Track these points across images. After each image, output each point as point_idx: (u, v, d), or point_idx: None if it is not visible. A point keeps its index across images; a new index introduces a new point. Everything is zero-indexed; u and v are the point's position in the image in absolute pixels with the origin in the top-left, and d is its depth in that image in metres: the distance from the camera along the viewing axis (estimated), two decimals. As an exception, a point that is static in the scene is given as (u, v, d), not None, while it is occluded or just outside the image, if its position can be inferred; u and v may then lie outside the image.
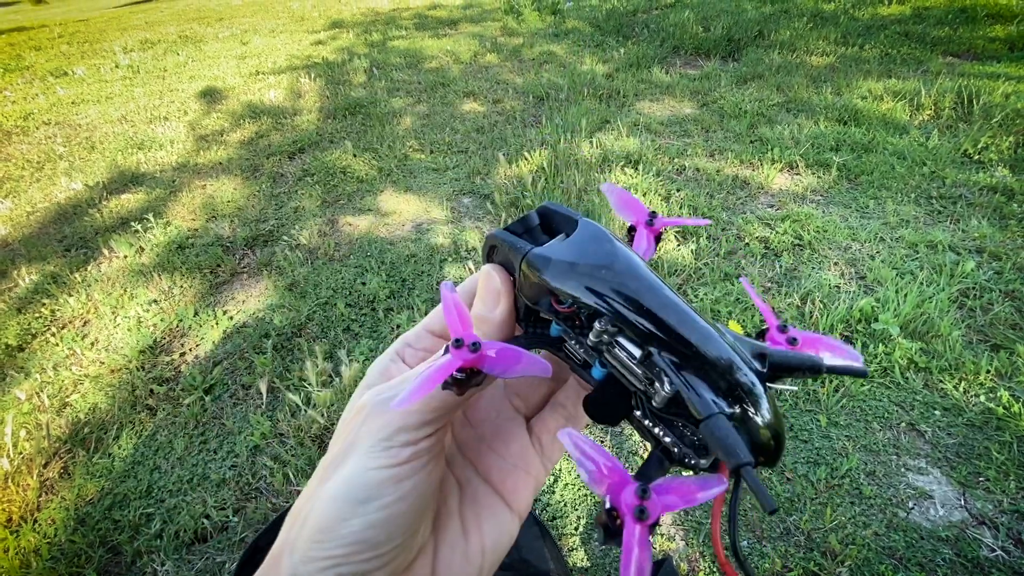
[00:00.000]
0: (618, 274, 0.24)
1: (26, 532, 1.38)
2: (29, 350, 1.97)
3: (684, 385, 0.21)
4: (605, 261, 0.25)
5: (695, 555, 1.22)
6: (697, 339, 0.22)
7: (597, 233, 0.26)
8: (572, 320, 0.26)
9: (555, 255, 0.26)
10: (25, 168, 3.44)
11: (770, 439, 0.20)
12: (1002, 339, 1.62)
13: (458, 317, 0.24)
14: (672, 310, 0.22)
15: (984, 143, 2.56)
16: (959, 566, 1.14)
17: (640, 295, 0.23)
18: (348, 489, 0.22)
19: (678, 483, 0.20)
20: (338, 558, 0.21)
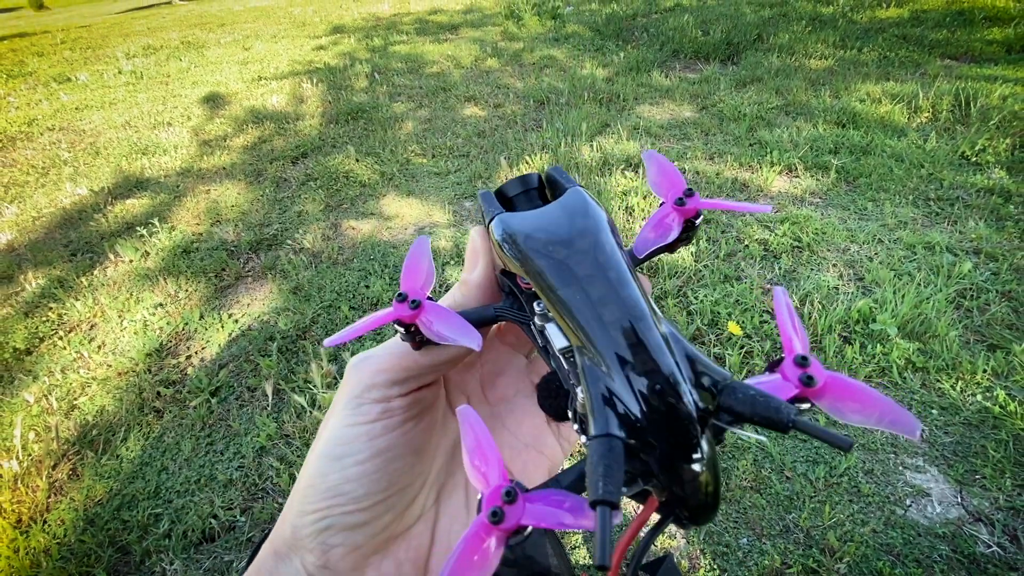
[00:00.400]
0: (572, 253, 0.21)
1: (36, 532, 1.40)
2: (37, 353, 1.99)
3: (591, 394, 0.18)
4: (564, 236, 0.22)
5: (696, 552, 1.24)
6: (627, 347, 0.18)
7: (576, 204, 0.23)
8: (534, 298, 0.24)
9: (518, 222, 0.23)
10: (30, 174, 3.47)
11: (697, 492, 0.17)
12: (999, 339, 1.64)
13: (417, 272, 0.24)
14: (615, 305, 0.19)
15: (981, 145, 2.58)
16: (955, 562, 1.16)
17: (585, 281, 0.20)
18: (327, 446, 0.24)
19: (558, 498, 0.17)
20: (323, 510, 0.23)
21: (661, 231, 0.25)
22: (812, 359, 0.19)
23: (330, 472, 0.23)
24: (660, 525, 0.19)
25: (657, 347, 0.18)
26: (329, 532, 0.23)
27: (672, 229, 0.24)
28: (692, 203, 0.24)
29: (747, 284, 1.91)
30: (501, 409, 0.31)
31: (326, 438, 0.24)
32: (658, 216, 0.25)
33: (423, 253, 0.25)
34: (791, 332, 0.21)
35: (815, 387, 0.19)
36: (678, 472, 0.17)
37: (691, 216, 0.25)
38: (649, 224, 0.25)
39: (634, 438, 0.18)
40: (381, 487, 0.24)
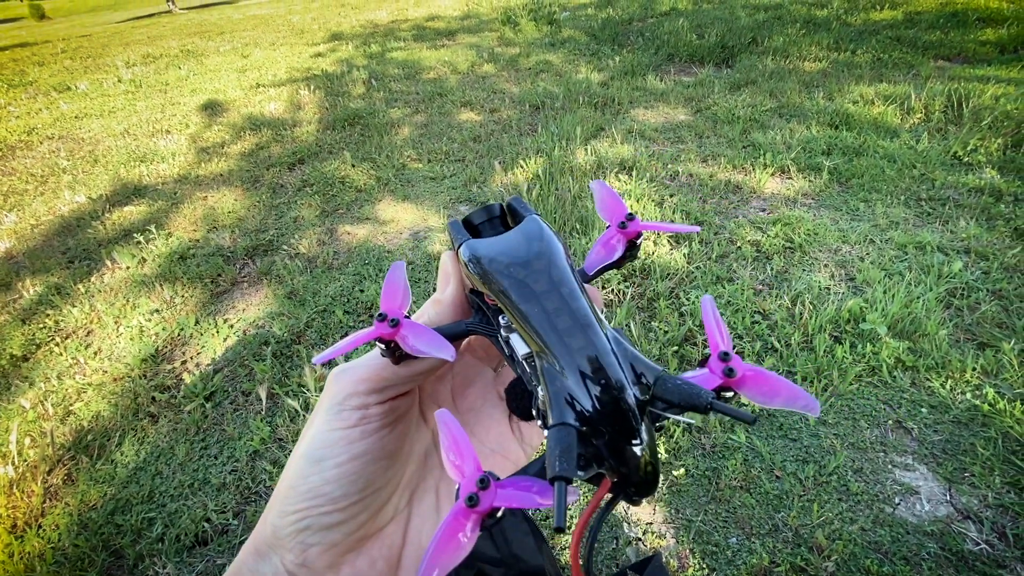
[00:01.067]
0: (530, 272, 0.24)
1: (30, 537, 1.41)
2: (33, 360, 2.00)
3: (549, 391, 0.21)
4: (522, 258, 0.25)
5: (685, 552, 1.24)
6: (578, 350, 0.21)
7: (533, 231, 0.26)
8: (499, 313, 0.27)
9: (483, 247, 0.26)
10: (29, 182, 3.49)
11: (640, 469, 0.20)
12: (988, 337, 1.65)
13: (396, 293, 0.26)
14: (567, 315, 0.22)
15: (973, 145, 2.59)
16: (944, 560, 1.16)
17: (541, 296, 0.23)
18: (308, 449, 0.25)
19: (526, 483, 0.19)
20: (303, 511, 0.25)
21: (608, 251, 0.28)
22: (732, 355, 0.23)
23: (311, 474, 0.25)
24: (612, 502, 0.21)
25: (603, 350, 0.21)
26: (308, 532, 0.25)
27: (617, 249, 0.28)
28: (633, 226, 0.28)
29: (739, 285, 1.92)
30: (470, 418, 0.33)
31: (307, 441, 0.26)
32: (604, 238, 0.29)
33: (399, 277, 0.28)
34: (716, 333, 0.24)
35: (735, 378, 0.22)
36: (623, 454, 0.20)
37: (633, 237, 0.28)
38: (597, 245, 0.29)
39: (586, 426, 0.20)
40: (357, 488, 0.25)
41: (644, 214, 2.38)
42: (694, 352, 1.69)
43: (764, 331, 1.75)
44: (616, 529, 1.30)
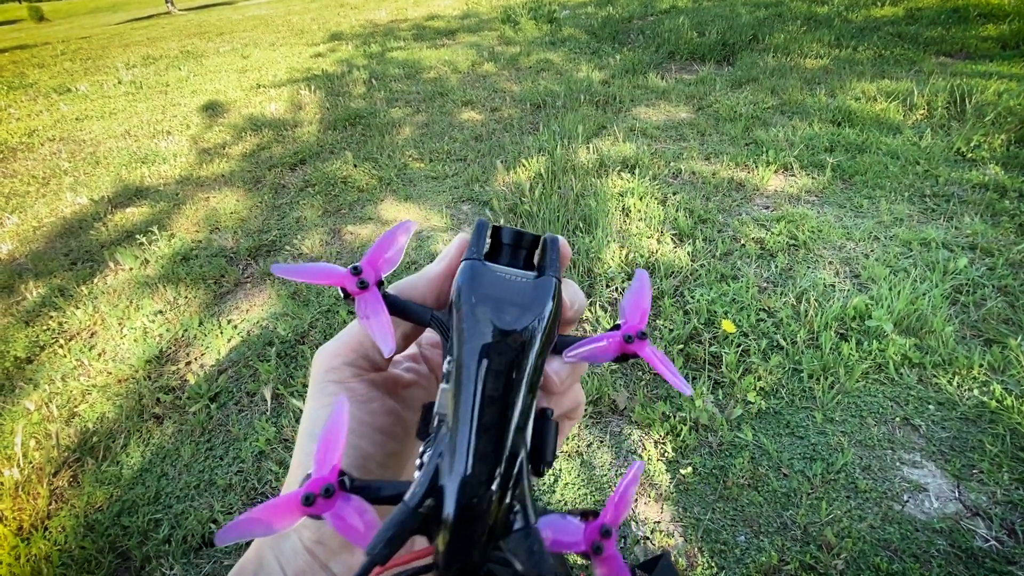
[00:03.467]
0: (498, 344, 0.23)
1: (37, 539, 1.40)
2: (37, 362, 2.00)
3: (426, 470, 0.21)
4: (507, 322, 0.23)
5: (693, 550, 1.24)
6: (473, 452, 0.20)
7: (538, 297, 0.25)
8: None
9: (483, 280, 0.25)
10: (31, 184, 3.49)
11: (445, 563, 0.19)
12: (995, 334, 1.64)
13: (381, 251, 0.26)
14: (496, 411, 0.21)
15: (976, 141, 2.59)
16: (953, 557, 1.16)
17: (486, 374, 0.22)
18: (305, 425, 0.26)
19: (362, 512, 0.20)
20: None
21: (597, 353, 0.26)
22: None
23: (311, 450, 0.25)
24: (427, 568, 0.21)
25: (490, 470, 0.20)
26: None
27: (607, 354, 0.26)
28: (635, 347, 0.25)
29: (743, 283, 1.91)
30: None
31: (304, 418, 0.27)
32: (605, 339, 0.26)
33: (399, 236, 0.26)
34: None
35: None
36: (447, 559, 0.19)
37: (629, 353, 0.26)
38: (593, 339, 0.26)
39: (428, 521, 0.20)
40: (355, 464, 0.26)
41: (646, 213, 2.37)
42: (699, 350, 1.69)
43: (770, 329, 1.75)
44: (624, 528, 1.30)
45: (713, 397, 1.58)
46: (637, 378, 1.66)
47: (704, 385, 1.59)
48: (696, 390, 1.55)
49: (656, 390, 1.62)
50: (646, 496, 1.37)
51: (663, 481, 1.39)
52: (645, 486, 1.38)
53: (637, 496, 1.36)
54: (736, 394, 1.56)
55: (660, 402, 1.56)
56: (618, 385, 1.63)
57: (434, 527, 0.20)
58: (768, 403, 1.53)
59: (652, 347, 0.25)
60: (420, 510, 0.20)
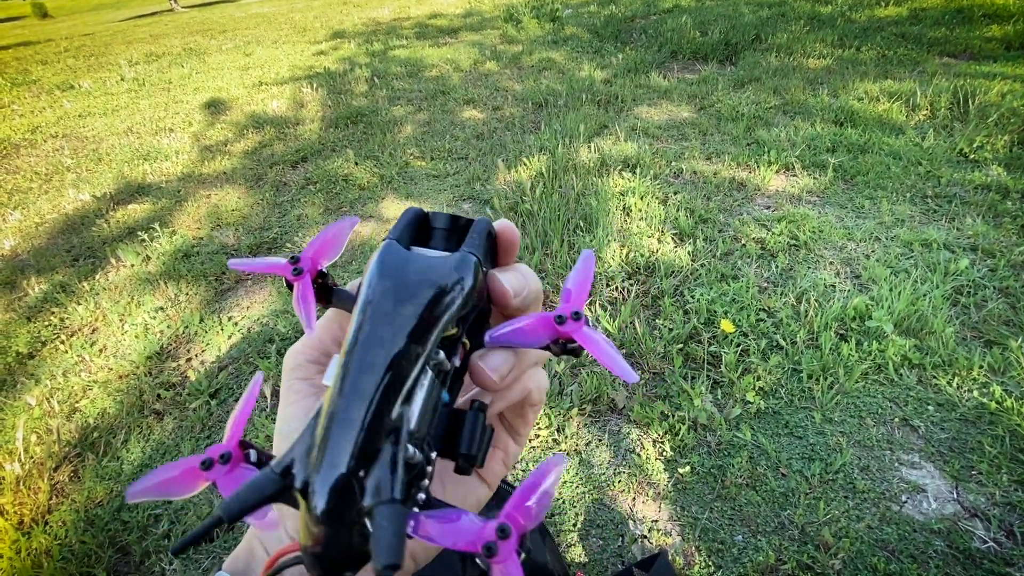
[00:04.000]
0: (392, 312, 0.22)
1: (37, 534, 1.41)
2: (39, 357, 2.01)
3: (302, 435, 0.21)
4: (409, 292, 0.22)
5: (690, 549, 1.24)
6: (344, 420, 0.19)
7: (448, 273, 0.23)
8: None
9: (390, 259, 0.24)
10: (33, 180, 3.50)
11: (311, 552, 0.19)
12: (995, 335, 1.64)
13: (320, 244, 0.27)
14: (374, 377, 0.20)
15: (979, 142, 2.58)
16: (951, 558, 1.16)
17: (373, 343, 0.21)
18: (278, 424, 0.27)
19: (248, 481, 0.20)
20: None
21: (528, 336, 0.24)
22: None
23: (284, 447, 0.26)
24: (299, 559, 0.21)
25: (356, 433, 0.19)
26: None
27: (538, 339, 0.24)
28: (569, 329, 0.24)
29: (743, 283, 1.91)
30: None
31: (278, 418, 0.28)
32: (535, 318, 0.24)
33: (341, 232, 0.27)
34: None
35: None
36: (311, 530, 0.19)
37: (564, 338, 0.24)
38: (522, 319, 0.25)
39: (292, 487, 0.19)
40: None
41: (647, 213, 2.37)
42: (699, 350, 1.69)
43: (769, 329, 1.74)
44: (622, 526, 1.30)
45: (712, 397, 1.58)
46: (636, 377, 1.66)
47: (703, 385, 1.59)
48: (695, 390, 1.55)
49: (655, 389, 1.62)
50: (643, 495, 1.37)
51: (661, 480, 1.39)
52: (643, 484, 1.39)
53: (634, 495, 1.37)
54: (735, 394, 1.56)
55: (659, 401, 1.56)
56: (617, 384, 1.63)
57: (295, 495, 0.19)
58: (767, 403, 1.53)
59: (590, 330, 0.24)
60: (284, 478, 0.19)
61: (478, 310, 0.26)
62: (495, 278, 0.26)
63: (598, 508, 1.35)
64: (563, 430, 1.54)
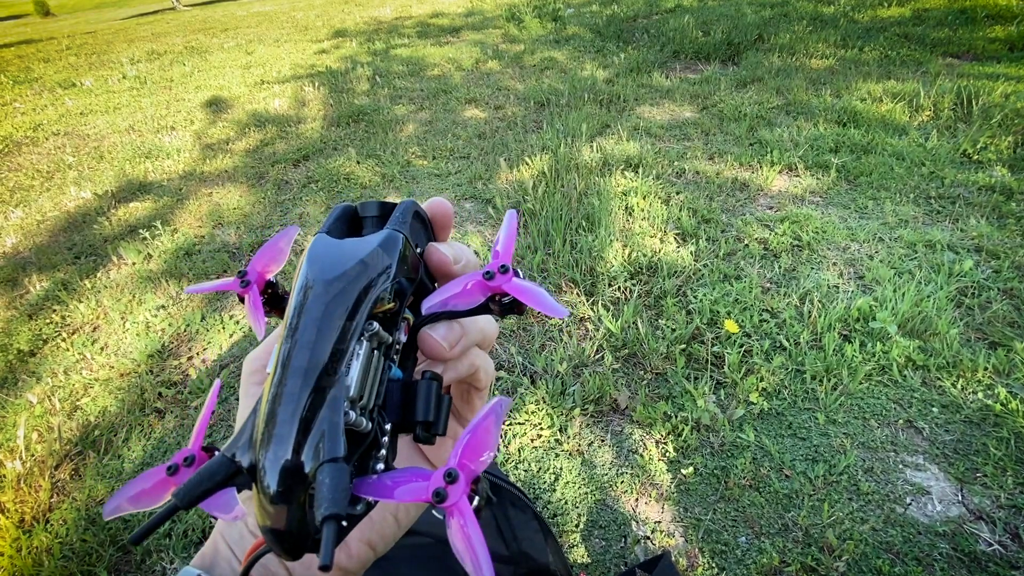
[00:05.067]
0: (319, 295, 0.22)
1: (38, 532, 1.41)
2: (40, 355, 2.00)
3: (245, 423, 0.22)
4: (331, 275, 0.23)
5: (694, 551, 1.23)
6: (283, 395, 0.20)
7: (370, 249, 0.24)
8: None
9: (319, 250, 0.24)
10: (35, 178, 3.50)
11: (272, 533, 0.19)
12: (1000, 337, 1.63)
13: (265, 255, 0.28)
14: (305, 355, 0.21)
15: (983, 143, 2.57)
16: (956, 560, 1.15)
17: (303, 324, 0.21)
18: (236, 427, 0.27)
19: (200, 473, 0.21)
20: None
21: (462, 298, 0.25)
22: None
23: None
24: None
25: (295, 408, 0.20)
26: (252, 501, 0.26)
27: (473, 298, 0.25)
28: (499, 281, 0.24)
29: (746, 283, 1.91)
30: None
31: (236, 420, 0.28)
32: (465, 279, 0.25)
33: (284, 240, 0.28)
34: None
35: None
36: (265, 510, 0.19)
37: (497, 293, 0.25)
38: (454, 283, 0.25)
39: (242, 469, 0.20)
40: None
41: (650, 212, 2.37)
42: (702, 351, 1.68)
43: (772, 329, 1.74)
44: (624, 527, 1.30)
45: (715, 397, 1.57)
46: (639, 377, 1.66)
47: (706, 385, 1.58)
48: (698, 390, 1.54)
49: (658, 389, 1.62)
50: (646, 496, 1.36)
51: (664, 481, 1.39)
52: (646, 486, 1.38)
53: (637, 496, 1.36)
54: (738, 394, 1.55)
55: (662, 402, 1.55)
56: (620, 384, 1.63)
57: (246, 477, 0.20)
58: (770, 404, 1.53)
59: (519, 280, 0.24)
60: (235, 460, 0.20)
61: (415, 284, 0.26)
62: (434, 249, 0.27)
63: (601, 509, 1.34)
64: (565, 430, 1.53)
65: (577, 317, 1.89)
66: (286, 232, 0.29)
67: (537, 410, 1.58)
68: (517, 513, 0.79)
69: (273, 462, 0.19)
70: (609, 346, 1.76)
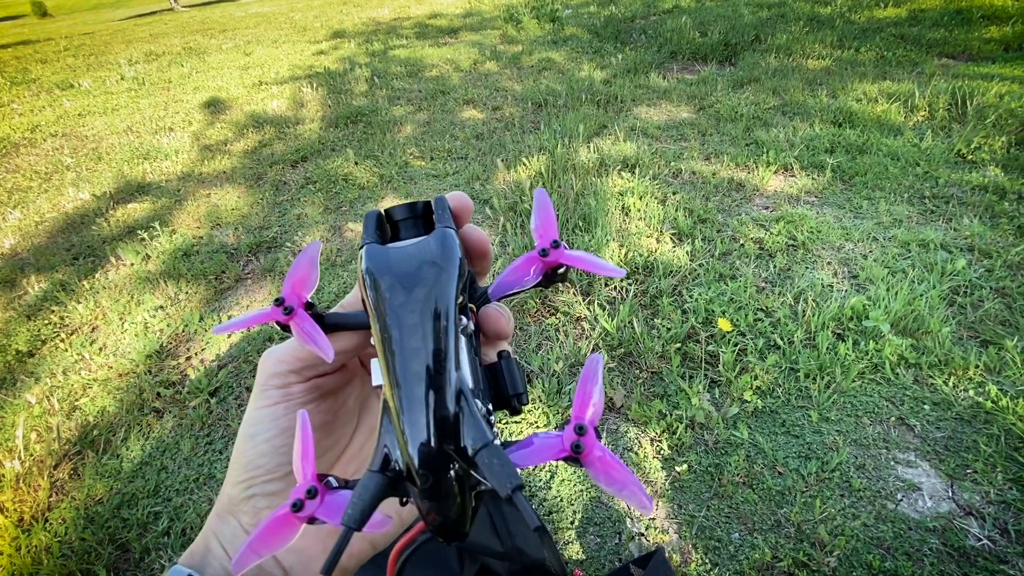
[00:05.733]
0: (408, 301, 0.23)
1: (37, 531, 1.42)
2: (39, 355, 2.01)
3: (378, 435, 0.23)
4: (409, 280, 0.24)
5: (687, 547, 1.25)
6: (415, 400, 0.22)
7: (434, 251, 0.25)
8: None
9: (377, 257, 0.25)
10: (33, 179, 3.51)
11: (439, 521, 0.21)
12: (991, 335, 1.65)
13: (297, 277, 0.27)
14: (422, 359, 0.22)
15: (977, 143, 2.59)
16: (946, 555, 1.17)
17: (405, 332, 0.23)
18: (243, 427, 0.28)
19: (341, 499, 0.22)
20: (247, 481, 0.27)
21: (521, 275, 0.27)
22: (589, 430, 0.21)
23: (247, 449, 0.28)
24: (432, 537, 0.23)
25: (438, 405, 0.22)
26: (256, 498, 0.27)
27: (533, 275, 0.27)
28: (555, 255, 0.27)
29: (742, 283, 1.92)
30: None
31: (244, 420, 0.29)
32: (523, 260, 0.27)
33: (310, 259, 0.28)
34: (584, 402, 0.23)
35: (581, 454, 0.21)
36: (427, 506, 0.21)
37: (553, 266, 0.27)
38: (514, 266, 0.28)
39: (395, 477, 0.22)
40: (289, 459, 0.28)
41: (646, 213, 2.38)
42: (697, 349, 1.70)
43: (767, 328, 1.75)
44: (619, 524, 1.31)
45: (710, 396, 1.58)
46: (634, 376, 1.67)
47: (701, 384, 1.59)
48: (693, 389, 1.56)
49: (653, 388, 1.63)
50: (642, 493, 1.37)
51: (659, 478, 1.40)
52: (641, 482, 1.39)
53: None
54: (733, 393, 1.57)
55: (657, 400, 1.57)
56: (615, 383, 1.64)
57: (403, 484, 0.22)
58: (764, 402, 1.54)
59: (572, 251, 0.26)
60: (386, 473, 0.21)
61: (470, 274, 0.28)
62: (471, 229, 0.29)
63: (595, 506, 1.36)
64: (560, 427, 1.54)
65: (573, 317, 1.91)
66: (309, 250, 0.28)
67: (533, 408, 1.60)
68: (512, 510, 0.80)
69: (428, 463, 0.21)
70: (605, 345, 1.77)
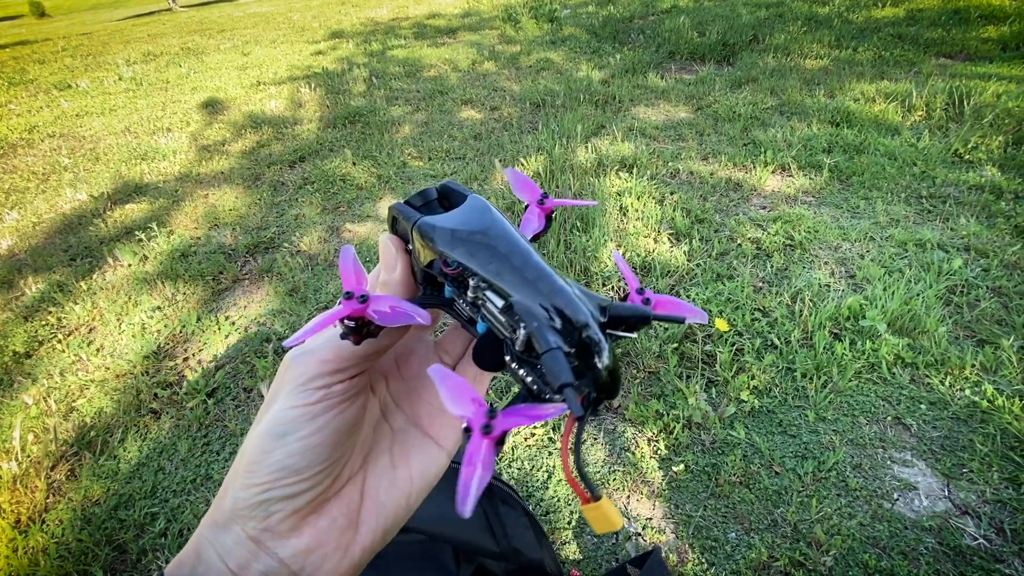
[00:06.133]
0: (491, 238, 0.28)
1: (34, 532, 1.42)
2: (36, 357, 2.01)
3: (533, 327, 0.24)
4: (481, 228, 0.28)
5: (684, 547, 1.25)
6: (548, 293, 0.25)
7: (480, 206, 0.30)
8: (458, 280, 0.29)
9: (440, 223, 0.29)
10: (31, 180, 3.50)
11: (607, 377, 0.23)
12: (988, 334, 1.65)
13: (354, 274, 0.28)
14: (531, 268, 0.26)
15: (974, 143, 2.59)
16: (941, 554, 1.17)
17: (506, 256, 0.27)
18: (271, 426, 0.27)
19: (524, 407, 0.22)
20: (267, 484, 0.26)
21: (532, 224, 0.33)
22: (646, 289, 0.28)
23: (274, 449, 0.26)
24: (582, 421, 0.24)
25: (566, 291, 0.25)
26: (271, 502, 0.26)
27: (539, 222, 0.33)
28: (549, 203, 0.34)
29: (739, 282, 1.92)
30: (416, 383, 0.36)
31: (268, 420, 0.27)
32: (529, 214, 0.34)
33: (353, 258, 0.29)
34: (630, 277, 0.30)
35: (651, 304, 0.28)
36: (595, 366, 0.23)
37: (549, 212, 0.34)
38: (525, 218, 0.34)
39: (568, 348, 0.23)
40: (321, 459, 0.27)
41: (644, 213, 2.39)
42: (694, 349, 1.70)
43: (764, 328, 1.75)
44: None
45: (706, 395, 1.59)
46: (631, 376, 1.67)
47: (698, 383, 1.60)
48: (690, 388, 1.56)
49: (650, 388, 1.63)
50: (638, 493, 1.38)
51: (655, 478, 1.40)
52: (637, 483, 1.39)
53: (628, 493, 1.38)
54: (729, 393, 1.57)
55: (654, 400, 1.57)
56: (612, 383, 1.64)
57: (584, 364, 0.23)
58: (761, 402, 1.54)
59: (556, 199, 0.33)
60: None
61: None
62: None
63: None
64: (558, 429, 1.54)
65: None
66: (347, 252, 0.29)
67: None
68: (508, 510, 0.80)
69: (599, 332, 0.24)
70: (602, 345, 1.77)
